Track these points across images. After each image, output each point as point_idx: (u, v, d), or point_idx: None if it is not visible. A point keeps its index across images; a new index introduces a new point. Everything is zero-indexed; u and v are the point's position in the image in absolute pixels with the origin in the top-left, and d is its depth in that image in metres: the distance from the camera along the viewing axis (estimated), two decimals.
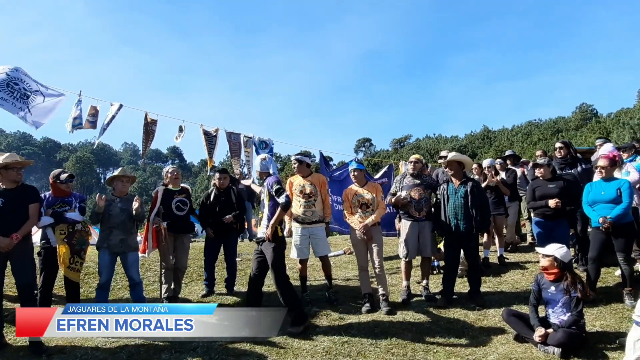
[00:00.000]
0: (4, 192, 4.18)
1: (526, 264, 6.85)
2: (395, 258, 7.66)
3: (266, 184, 4.78)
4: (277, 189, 4.64)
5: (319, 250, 5.54)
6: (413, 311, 5.17)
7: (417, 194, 5.57)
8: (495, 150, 41.89)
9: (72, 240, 4.77)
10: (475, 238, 5.45)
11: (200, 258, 7.82)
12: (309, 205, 5.44)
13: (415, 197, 5.56)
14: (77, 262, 4.83)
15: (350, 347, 4.16)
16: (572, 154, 6.42)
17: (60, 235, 4.72)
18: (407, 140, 72.32)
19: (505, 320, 4.30)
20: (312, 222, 5.47)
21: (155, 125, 7.10)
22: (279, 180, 4.81)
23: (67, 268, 4.74)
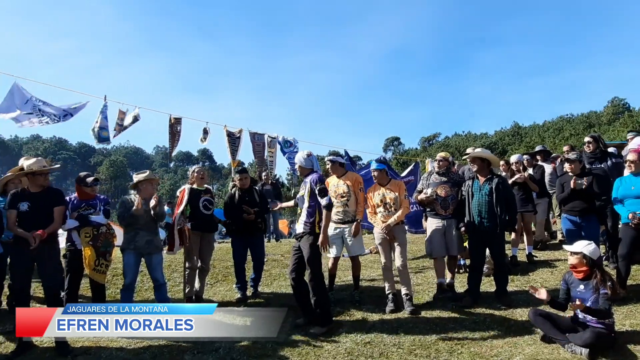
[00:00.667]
0: (31, 195, 4.32)
1: (555, 262, 6.64)
2: (422, 257, 7.58)
3: (309, 181, 4.73)
4: (320, 189, 4.61)
5: (352, 250, 5.55)
6: (437, 311, 5.09)
7: (444, 191, 5.50)
8: (526, 147, 40.75)
9: (97, 242, 4.85)
10: (500, 236, 5.32)
11: (226, 259, 7.96)
12: (342, 205, 5.45)
13: (442, 195, 5.49)
14: (102, 264, 4.89)
15: (373, 348, 4.13)
16: (601, 148, 6.20)
17: (86, 238, 4.81)
18: (435, 139, 71.29)
19: (532, 321, 4.17)
20: (345, 222, 5.47)
21: (179, 125, 7.26)
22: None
23: (92, 270, 4.82)
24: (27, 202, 4.27)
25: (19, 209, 4.24)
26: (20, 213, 4.24)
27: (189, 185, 5.70)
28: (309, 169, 4.88)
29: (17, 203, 4.26)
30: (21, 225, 4.21)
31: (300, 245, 4.73)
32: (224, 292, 6.33)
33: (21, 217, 4.23)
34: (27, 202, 4.27)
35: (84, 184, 5.00)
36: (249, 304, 5.61)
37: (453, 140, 62.95)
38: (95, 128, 5.97)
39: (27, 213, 4.24)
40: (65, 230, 4.88)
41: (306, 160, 4.88)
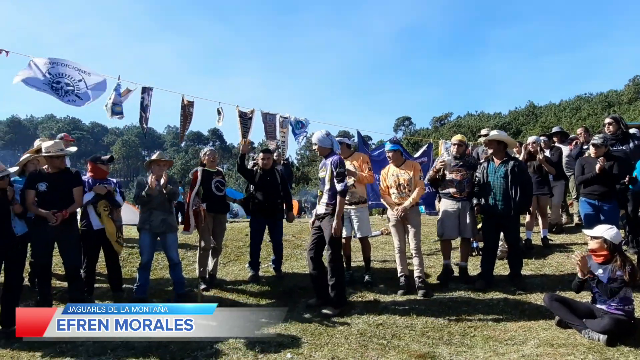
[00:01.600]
0: (49, 176, 4.42)
1: (572, 246, 6.54)
2: (436, 240, 7.52)
3: (330, 162, 4.66)
4: (338, 172, 4.55)
5: (360, 232, 5.52)
6: (450, 294, 5.07)
7: (460, 174, 5.42)
8: (541, 127, 40.02)
9: (114, 216, 5.04)
10: (515, 219, 5.23)
11: (238, 239, 8.02)
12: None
13: (458, 178, 5.42)
14: (120, 237, 5.12)
15: (385, 330, 4.14)
16: (622, 130, 6.02)
17: (105, 211, 4.95)
18: (447, 118, 70.38)
19: (547, 305, 4.12)
20: (352, 203, 5.43)
21: (192, 107, 7.21)
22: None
23: (115, 242, 5.03)
24: (46, 183, 4.37)
25: (38, 189, 4.34)
26: (39, 193, 4.34)
27: (201, 167, 5.70)
28: (328, 148, 4.79)
29: (36, 183, 4.35)
30: (40, 204, 4.32)
31: (321, 225, 4.70)
32: (237, 271, 6.37)
33: (40, 197, 4.33)
34: (45, 182, 4.37)
35: (100, 161, 5.08)
36: (285, 284, 5.66)
37: (465, 120, 62.10)
38: (108, 104, 5.95)
39: (46, 193, 4.34)
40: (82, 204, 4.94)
41: (325, 140, 4.78)
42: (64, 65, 5.38)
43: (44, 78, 5.17)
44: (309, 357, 3.56)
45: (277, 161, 9.87)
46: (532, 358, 3.38)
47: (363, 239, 5.64)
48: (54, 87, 5.23)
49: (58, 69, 5.31)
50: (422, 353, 3.58)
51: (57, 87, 5.23)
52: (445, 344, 3.80)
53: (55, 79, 5.23)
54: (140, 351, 3.73)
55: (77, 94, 5.39)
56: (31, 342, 4.04)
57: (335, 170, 4.57)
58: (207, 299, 5.14)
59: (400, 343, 3.82)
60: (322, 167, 4.86)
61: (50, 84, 5.20)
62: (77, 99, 5.38)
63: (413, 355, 3.53)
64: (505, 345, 3.72)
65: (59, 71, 5.32)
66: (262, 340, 3.89)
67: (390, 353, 3.61)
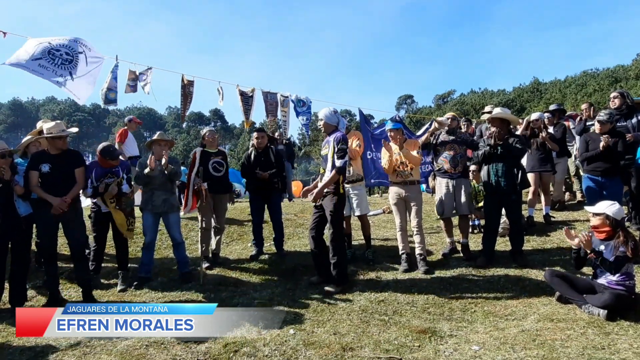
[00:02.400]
0: (51, 157, 4.42)
1: (574, 223, 6.55)
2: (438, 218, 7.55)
3: (332, 139, 4.66)
4: (340, 149, 4.55)
5: (358, 210, 5.57)
6: (451, 271, 5.11)
7: (452, 150, 5.46)
8: (546, 103, 39.51)
9: (122, 205, 4.95)
10: (516, 197, 5.23)
11: (241, 218, 8.06)
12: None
13: (451, 154, 5.46)
14: (132, 222, 5.04)
15: (387, 306, 4.19)
16: (628, 104, 5.95)
17: (111, 203, 4.88)
18: (450, 96, 69.55)
19: (548, 281, 4.15)
20: (350, 181, 5.47)
21: (192, 86, 7.18)
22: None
23: (127, 231, 4.98)
24: (48, 164, 4.37)
25: (41, 170, 4.34)
26: (42, 174, 4.34)
27: (200, 148, 5.71)
28: (333, 125, 4.78)
29: (39, 164, 4.35)
30: (43, 185, 4.33)
31: (323, 204, 4.71)
32: (240, 250, 6.43)
33: (43, 178, 4.34)
34: (48, 163, 4.37)
35: (110, 157, 4.86)
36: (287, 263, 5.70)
37: (469, 98, 61.35)
38: (103, 89, 5.88)
39: (49, 174, 4.35)
40: (87, 197, 4.93)
41: (332, 117, 4.78)
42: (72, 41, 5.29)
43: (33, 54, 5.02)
44: (311, 333, 3.61)
45: (278, 141, 9.87)
46: (532, 333, 3.42)
47: (362, 216, 5.68)
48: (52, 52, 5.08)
49: (60, 41, 5.21)
50: (423, 328, 3.63)
51: (56, 55, 5.10)
52: (446, 320, 3.85)
53: (55, 47, 5.11)
54: None
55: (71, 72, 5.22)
56: None
57: (336, 146, 4.56)
58: (210, 277, 5.22)
59: (402, 319, 3.88)
60: (325, 144, 4.85)
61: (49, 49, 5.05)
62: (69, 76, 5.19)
63: (414, 331, 3.58)
64: (506, 321, 3.77)
65: (62, 42, 5.21)
66: (265, 317, 3.95)
67: (392, 329, 3.67)
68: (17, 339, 3.73)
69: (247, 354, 3.26)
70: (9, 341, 3.71)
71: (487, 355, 3.10)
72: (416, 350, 3.27)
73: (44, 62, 5.01)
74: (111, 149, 4.93)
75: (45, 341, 3.66)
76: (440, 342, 3.39)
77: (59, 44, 5.21)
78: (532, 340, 3.28)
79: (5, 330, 3.94)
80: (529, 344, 3.22)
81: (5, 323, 4.07)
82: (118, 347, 3.46)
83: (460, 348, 3.25)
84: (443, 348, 3.27)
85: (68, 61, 5.24)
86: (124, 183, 4.96)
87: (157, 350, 3.39)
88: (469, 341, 3.36)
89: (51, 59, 5.08)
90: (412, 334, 3.52)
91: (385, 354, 3.20)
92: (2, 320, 4.13)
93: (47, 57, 5.04)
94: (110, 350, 3.42)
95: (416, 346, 3.33)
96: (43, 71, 4.99)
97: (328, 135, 4.78)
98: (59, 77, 5.10)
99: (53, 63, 5.08)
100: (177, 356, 3.28)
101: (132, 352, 3.38)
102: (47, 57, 5.04)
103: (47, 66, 5.03)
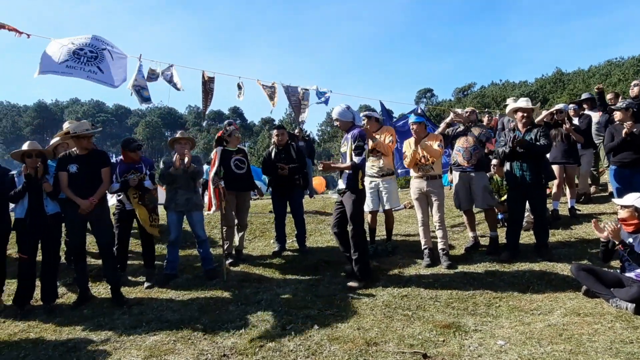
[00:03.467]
0: (78, 158, 4.55)
1: (600, 216, 6.40)
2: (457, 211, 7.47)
3: (350, 136, 4.66)
4: (357, 145, 4.56)
5: (388, 204, 5.64)
6: (475, 265, 5.07)
7: (467, 143, 5.43)
8: (569, 95, 38.53)
9: (145, 201, 5.08)
10: (541, 189, 5.15)
11: (263, 215, 8.14)
12: (377, 159, 5.56)
13: (464, 146, 5.45)
14: (154, 219, 5.16)
15: (410, 301, 4.18)
16: None
17: (134, 198, 5.02)
18: (470, 89, 68.49)
19: (575, 275, 4.07)
20: (381, 176, 5.58)
21: (212, 83, 7.27)
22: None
23: (150, 226, 5.10)
24: (76, 164, 4.50)
25: (69, 170, 4.48)
26: (70, 175, 4.48)
27: (221, 147, 5.77)
28: (349, 121, 4.76)
29: (67, 165, 4.50)
30: (71, 185, 4.46)
31: (343, 200, 4.74)
32: (262, 247, 6.50)
33: (71, 178, 4.47)
34: (75, 164, 4.50)
35: (128, 148, 5.09)
36: (309, 259, 5.73)
37: (489, 90, 60.29)
38: (137, 88, 6.01)
39: (77, 174, 4.48)
40: (111, 193, 5.08)
41: (345, 113, 4.74)
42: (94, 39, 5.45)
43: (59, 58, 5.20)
44: (335, 328, 3.64)
45: (298, 137, 9.90)
46: (558, 327, 3.38)
47: (389, 211, 5.76)
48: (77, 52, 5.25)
49: (85, 40, 5.36)
50: (447, 323, 3.61)
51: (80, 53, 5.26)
52: (470, 315, 3.82)
53: (79, 47, 5.27)
54: (173, 324, 3.90)
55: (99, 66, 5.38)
56: (71, 316, 4.29)
57: (354, 143, 4.57)
58: (234, 274, 5.30)
59: (425, 314, 3.87)
60: (344, 141, 4.85)
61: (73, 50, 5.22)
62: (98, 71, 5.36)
63: (438, 326, 3.57)
64: (531, 315, 3.72)
65: (85, 41, 5.37)
66: (289, 313, 4.01)
67: (415, 323, 3.66)
68: (51, 334, 3.88)
69: (273, 349, 3.31)
70: (43, 337, 3.85)
71: (513, 350, 3.07)
72: (441, 345, 3.26)
73: (70, 62, 5.19)
74: (130, 140, 5.17)
75: (78, 336, 3.80)
76: (464, 337, 3.38)
77: (82, 44, 5.38)
78: (558, 335, 3.24)
79: (39, 326, 4.09)
80: (556, 339, 3.18)
81: (38, 320, 4.23)
82: (147, 342, 3.56)
83: (486, 343, 3.23)
84: (468, 343, 3.26)
85: (94, 57, 5.41)
86: (146, 179, 5.07)
87: (185, 346, 3.48)
88: (494, 336, 3.34)
89: (77, 58, 5.24)
90: (436, 329, 3.52)
91: (410, 348, 3.20)
92: (35, 317, 4.30)
93: (73, 58, 5.21)
94: (140, 345, 3.52)
95: (440, 341, 3.32)
96: (72, 71, 5.18)
97: (346, 133, 4.79)
98: (88, 72, 5.28)
99: (80, 62, 5.24)
100: (204, 351, 3.35)
101: (161, 347, 3.47)
102: (73, 58, 5.21)
103: (74, 66, 5.20)
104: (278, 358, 3.18)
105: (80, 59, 5.28)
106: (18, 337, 3.90)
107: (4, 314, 4.41)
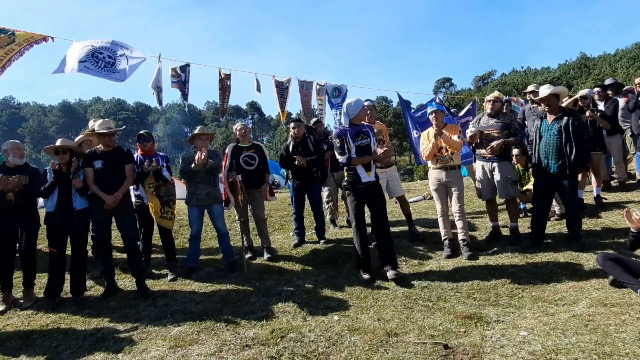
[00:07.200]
0: (103, 154, 4.71)
1: (628, 204, 6.22)
2: (478, 202, 7.38)
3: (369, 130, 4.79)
4: (338, 146, 4.68)
5: (393, 192, 5.89)
6: (496, 256, 5.00)
7: (491, 134, 5.33)
8: (594, 80, 37.43)
9: (159, 192, 5.20)
10: (571, 179, 4.89)
11: (281, 208, 8.19)
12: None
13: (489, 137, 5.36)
14: (167, 211, 5.26)
15: (430, 292, 4.17)
16: None
17: (150, 188, 5.15)
18: (491, 77, 67.23)
19: (601, 265, 3.98)
20: (388, 166, 5.80)
21: (229, 80, 7.35)
22: (339, 135, 4.64)
23: (160, 218, 5.21)
24: (101, 161, 4.66)
25: (94, 166, 4.63)
26: (95, 171, 4.63)
27: (233, 144, 5.82)
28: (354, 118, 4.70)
29: (92, 161, 4.65)
30: (96, 181, 4.62)
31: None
32: (282, 239, 6.55)
33: (96, 174, 4.63)
34: (100, 160, 4.66)
35: (138, 141, 5.34)
36: (329, 251, 5.76)
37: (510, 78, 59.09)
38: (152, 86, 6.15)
39: (102, 170, 4.64)
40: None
41: (351, 109, 4.67)
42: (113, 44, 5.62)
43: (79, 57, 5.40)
44: (355, 319, 3.66)
45: (317, 131, 9.89)
46: (584, 318, 3.31)
47: (400, 197, 5.94)
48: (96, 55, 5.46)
49: (104, 44, 5.54)
50: (469, 314, 3.59)
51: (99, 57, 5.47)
52: (492, 305, 3.79)
53: (98, 50, 5.48)
54: (197, 315, 3.98)
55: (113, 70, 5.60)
56: (99, 308, 4.42)
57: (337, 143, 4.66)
58: (254, 266, 5.36)
59: (446, 305, 3.85)
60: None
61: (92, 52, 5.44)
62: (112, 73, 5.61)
63: (459, 317, 3.55)
64: (555, 306, 3.66)
65: (104, 45, 5.55)
66: (309, 304, 4.04)
67: (436, 314, 3.65)
68: (80, 325, 4.01)
69: (294, 339, 3.35)
70: (73, 327, 3.99)
71: (536, 341, 3.03)
72: (462, 335, 3.25)
73: (88, 64, 5.40)
74: (144, 134, 5.37)
75: (106, 327, 3.92)
76: (486, 327, 3.35)
77: (102, 47, 5.57)
78: (584, 326, 3.17)
79: (69, 317, 4.23)
80: (581, 329, 3.12)
81: (68, 311, 4.38)
82: (172, 333, 3.65)
83: (508, 334, 3.19)
84: (490, 333, 3.23)
85: (110, 64, 5.65)
86: (164, 170, 5.19)
87: (208, 336, 3.55)
88: (517, 327, 3.30)
89: (95, 61, 5.46)
90: (457, 320, 3.50)
91: (431, 339, 3.20)
92: (66, 309, 4.44)
93: (92, 60, 5.43)
94: (165, 336, 3.61)
95: (462, 332, 3.31)
96: (88, 71, 5.39)
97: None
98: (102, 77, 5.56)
99: (97, 66, 5.48)
100: (226, 341, 3.42)
101: (185, 337, 3.55)
102: (91, 60, 5.43)
103: (91, 68, 5.40)
104: (299, 348, 3.22)
105: (97, 63, 5.56)
106: (50, 327, 4.05)
107: (36, 305, 4.58)
